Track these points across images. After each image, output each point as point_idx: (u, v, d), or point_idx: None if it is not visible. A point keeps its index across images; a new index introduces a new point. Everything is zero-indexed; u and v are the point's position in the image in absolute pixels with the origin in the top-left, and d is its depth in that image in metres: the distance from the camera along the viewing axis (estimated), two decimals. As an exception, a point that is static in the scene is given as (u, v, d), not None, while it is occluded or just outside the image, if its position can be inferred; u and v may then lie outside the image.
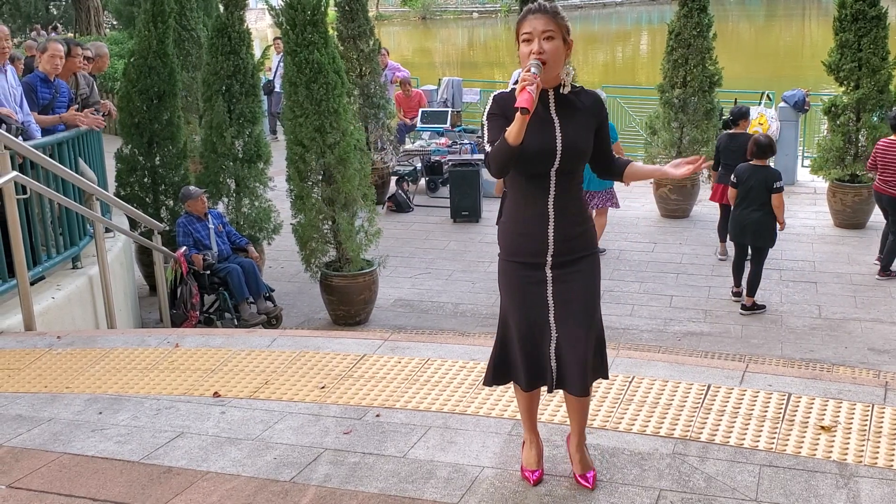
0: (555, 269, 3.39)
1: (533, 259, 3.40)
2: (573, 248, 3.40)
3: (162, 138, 9.46)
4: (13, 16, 32.51)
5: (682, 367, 4.70)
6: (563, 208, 3.35)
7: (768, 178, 8.13)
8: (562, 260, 3.39)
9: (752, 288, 8.40)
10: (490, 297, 9.01)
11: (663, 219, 11.77)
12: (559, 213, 3.35)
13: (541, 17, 3.24)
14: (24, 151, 6.13)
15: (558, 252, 3.38)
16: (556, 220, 3.35)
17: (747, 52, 35.09)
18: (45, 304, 6.23)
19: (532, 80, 3.13)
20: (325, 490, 3.63)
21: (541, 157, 3.27)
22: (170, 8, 9.40)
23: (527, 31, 3.25)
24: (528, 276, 3.41)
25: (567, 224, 3.37)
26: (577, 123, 3.33)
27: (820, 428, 3.97)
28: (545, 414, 4.17)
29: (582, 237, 3.42)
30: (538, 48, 3.22)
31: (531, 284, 3.41)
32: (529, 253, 3.40)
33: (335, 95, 8.19)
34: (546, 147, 3.27)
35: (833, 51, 11.02)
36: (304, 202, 8.45)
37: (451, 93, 16.81)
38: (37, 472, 3.92)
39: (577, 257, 3.41)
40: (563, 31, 3.27)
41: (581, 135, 3.33)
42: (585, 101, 3.38)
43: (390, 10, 59.20)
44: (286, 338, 5.50)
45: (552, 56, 3.24)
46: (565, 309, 3.40)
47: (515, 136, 3.13)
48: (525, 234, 3.40)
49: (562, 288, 3.39)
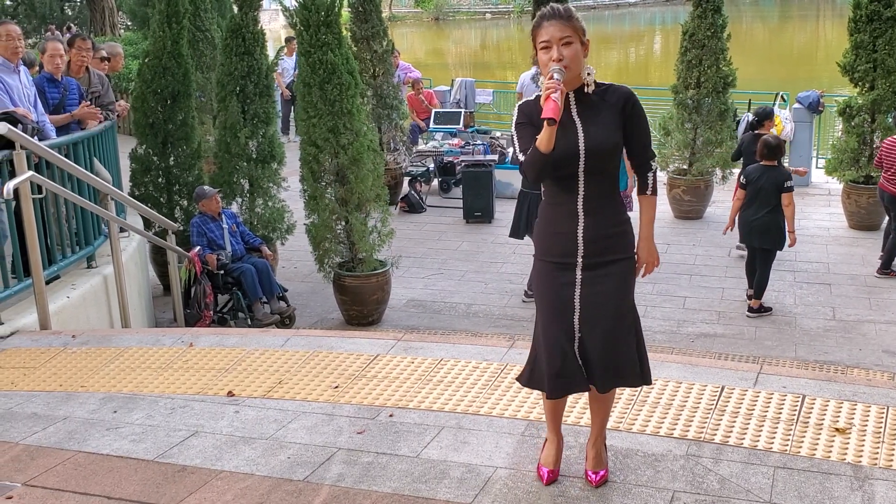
0: (585, 270, 3.38)
1: (563, 259, 3.40)
2: (605, 249, 3.38)
3: (176, 138, 9.49)
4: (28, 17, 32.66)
5: (695, 368, 4.69)
6: (592, 208, 3.35)
7: (779, 178, 8.12)
8: (593, 261, 3.38)
9: (758, 291, 8.36)
10: (503, 298, 9.01)
11: (676, 220, 11.74)
12: (589, 213, 3.35)
13: (556, 22, 3.25)
14: (39, 151, 6.16)
15: (589, 253, 3.37)
16: (585, 220, 3.35)
17: (761, 53, 34.97)
18: (60, 304, 6.26)
19: (556, 87, 3.16)
20: (339, 489, 3.64)
21: (565, 160, 3.28)
22: (184, 9, 9.43)
23: (544, 39, 3.26)
24: (559, 276, 3.42)
25: (598, 225, 3.36)
26: (600, 123, 3.32)
27: (834, 430, 3.96)
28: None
29: (615, 239, 3.40)
30: (557, 55, 3.23)
31: (563, 285, 3.41)
32: (560, 253, 3.41)
33: (349, 96, 8.20)
34: (569, 150, 3.27)
35: (848, 52, 10.97)
36: (318, 202, 8.47)
37: (463, 93, 16.82)
38: (52, 470, 3.94)
39: (609, 260, 3.39)
40: (579, 34, 3.28)
41: (605, 134, 3.31)
42: (611, 99, 3.36)
43: (403, 11, 59.29)
44: (300, 337, 5.52)
45: (572, 61, 3.25)
46: (590, 311, 3.39)
47: (546, 144, 3.17)
48: (556, 234, 3.41)
49: (590, 291, 3.39)
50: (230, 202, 9.44)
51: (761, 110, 10.17)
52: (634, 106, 3.38)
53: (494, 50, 44.69)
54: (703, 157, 11.65)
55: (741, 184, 8.32)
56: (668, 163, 11.98)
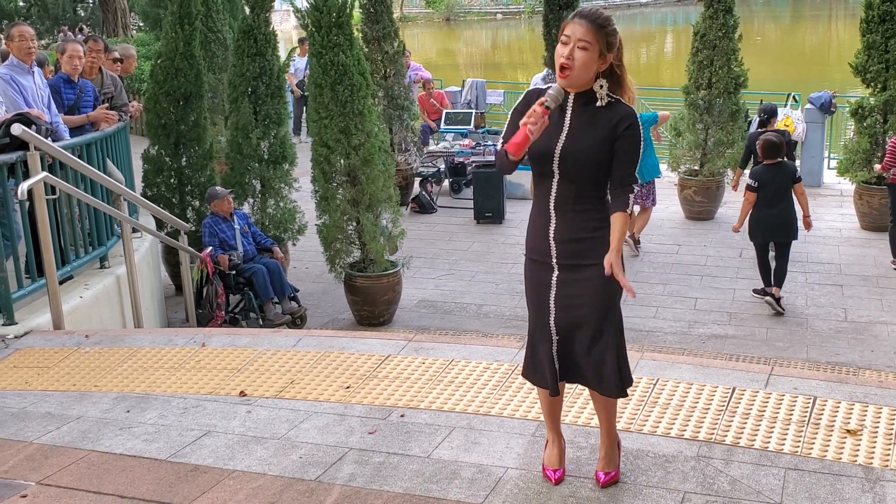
0: (561, 272, 3.39)
1: (540, 258, 3.44)
2: (578, 253, 3.36)
3: (188, 139, 9.53)
4: (41, 18, 32.83)
5: (706, 369, 4.69)
6: (563, 211, 3.34)
7: (790, 172, 8.43)
8: (567, 263, 3.37)
9: (781, 280, 8.53)
10: (513, 299, 9.01)
11: (688, 220, 11.72)
12: (560, 216, 3.35)
13: (584, 24, 3.22)
14: (53, 152, 6.19)
15: (561, 254, 3.37)
16: (556, 221, 3.36)
17: (773, 54, 34.85)
18: (73, 304, 6.30)
19: (537, 120, 3.16)
20: (350, 489, 3.65)
21: (540, 156, 3.31)
22: (196, 10, 9.47)
23: (567, 33, 3.25)
24: (538, 274, 3.45)
25: (568, 227, 3.35)
26: (589, 133, 3.27)
27: (846, 431, 3.95)
28: (569, 415, 4.17)
29: (589, 243, 3.33)
30: (567, 54, 3.23)
31: (540, 284, 3.45)
32: (537, 251, 3.44)
33: (360, 97, 8.22)
34: (546, 149, 3.29)
35: (860, 52, 10.94)
36: (329, 203, 8.49)
37: (474, 94, 16.82)
38: (66, 469, 3.97)
39: (583, 264, 3.35)
40: (601, 45, 3.23)
41: (587, 144, 3.26)
42: (610, 115, 3.29)
43: (414, 12, 59.26)
44: (311, 338, 5.54)
45: (578, 65, 3.23)
46: (567, 316, 3.39)
47: (515, 150, 3.20)
48: (534, 231, 3.45)
49: (565, 294, 3.39)
50: (242, 203, 9.47)
51: (768, 106, 10.24)
52: (630, 128, 3.27)
53: (505, 50, 44.66)
54: (714, 157, 11.63)
55: (753, 187, 8.32)
56: (680, 163, 11.97)
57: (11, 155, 5.89)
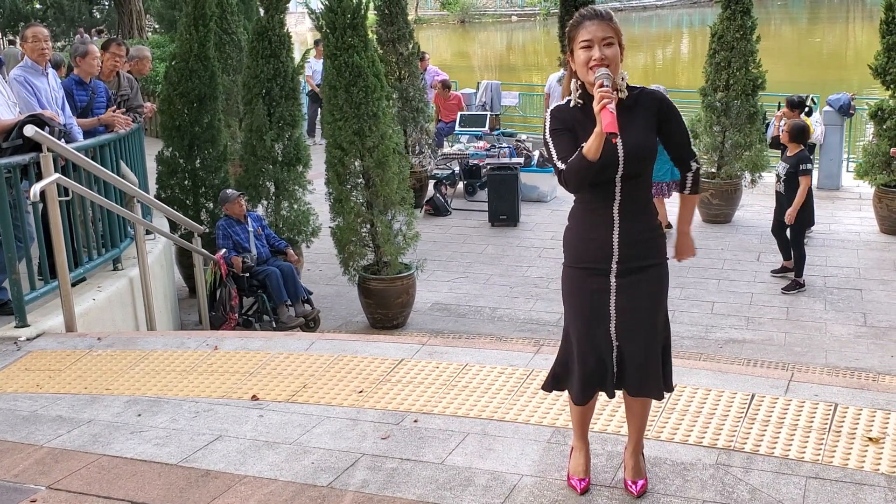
0: (620, 277, 3.34)
1: (598, 265, 3.36)
2: (639, 254, 3.34)
3: (202, 141, 9.51)
4: (57, 20, 32.95)
5: (725, 375, 4.62)
6: (629, 213, 3.31)
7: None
8: (628, 267, 3.34)
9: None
10: (528, 303, 8.95)
11: (705, 224, 11.62)
12: (625, 219, 3.31)
13: (598, 22, 3.21)
14: (66, 154, 6.18)
15: (623, 258, 3.33)
16: (621, 225, 3.31)
17: (791, 55, 34.66)
18: (85, 306, 6.27)
19: (609, 97, 3.10)
20: (363, 496, 3.60)
21: (605, 166, 3.22)
22: (211, 12, 9.45)
23: (586, 38, 3.21)
24: (591, 284, 3.37)
25: (633, 230, 3.32)
26: (636, 126, 3.26)
27: (868, 439, 3.87)
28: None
29: (649, 244, 3.37)
30: (600, 55, 3.18)
31: (595, 293, 3.37)
32: (595, 258, 3.36)
33: (374, 99, 8.18)
34: (609, 156, 3.20)
35: (879, 54, 10.84)
36: (343, 205, 8.46)
37: (489, 96, 16.76)
38: (76, 473, 3.94)
39: (643, 265, 3.35)
40: (618, 37, 3.24)
41: (642, 138, 3.26)
42: (644, 102, 3.31)
43: (429, 14, 59.31)
44: (324, 341, 5.50)
45: (614, 62, 3.21)
46: (627, 318, 3.35)
47: (595, 153, 3.12)
48: (591, 240, 3.36)
49: (625, 297, 3.35)
50: (256, 205, 9.45)
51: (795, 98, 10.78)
52: (669, 107, 3.35)
53: (520, 52, 44.61)
54: (731, 160, 11.54)
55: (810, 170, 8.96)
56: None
57: (24, 156, 5.87)
